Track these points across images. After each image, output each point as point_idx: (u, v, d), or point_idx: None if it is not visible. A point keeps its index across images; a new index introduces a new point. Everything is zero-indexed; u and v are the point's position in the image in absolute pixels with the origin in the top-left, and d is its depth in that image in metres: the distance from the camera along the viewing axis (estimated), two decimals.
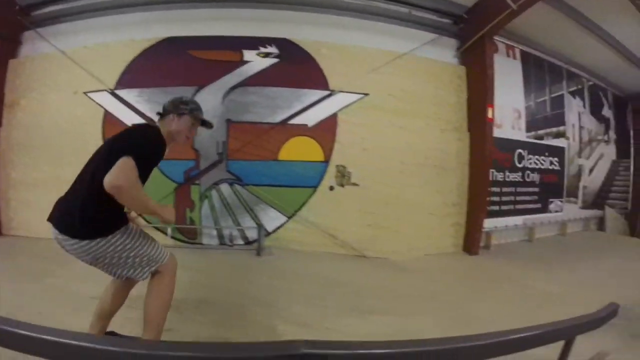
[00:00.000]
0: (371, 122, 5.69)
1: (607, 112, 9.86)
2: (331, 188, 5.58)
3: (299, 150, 5.53)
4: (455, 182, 6.19)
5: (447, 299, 4.19)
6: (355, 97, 5.66)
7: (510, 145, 6.90)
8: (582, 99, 8.93)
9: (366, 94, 5.69)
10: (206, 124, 2.43)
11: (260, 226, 5.42)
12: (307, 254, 5.36)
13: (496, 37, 7.06)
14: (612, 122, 10.08)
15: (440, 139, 6.10)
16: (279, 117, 5.52)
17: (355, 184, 5.65)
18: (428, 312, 3.73)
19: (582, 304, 2.89)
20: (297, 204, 5.54)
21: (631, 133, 10.90)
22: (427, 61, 6.13)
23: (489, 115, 6.10)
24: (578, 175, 8.63)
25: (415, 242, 5.89)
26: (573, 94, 8.60)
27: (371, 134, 5.69)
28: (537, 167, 7.35)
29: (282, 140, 5.52)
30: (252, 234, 5.57)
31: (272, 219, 5.56)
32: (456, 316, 3.64)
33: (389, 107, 5.78)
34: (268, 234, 5.57)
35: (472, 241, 6.12)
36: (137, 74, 5.57)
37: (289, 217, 5.56)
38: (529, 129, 7.26)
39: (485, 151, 6.08)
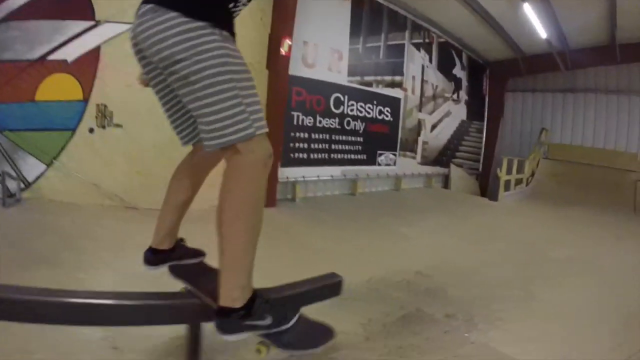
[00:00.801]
0: None
1: (459, 72, 9.77)
2: (91, 130, 4.87)
3: (57, 89, 4.82)
4: None
5: None
6: (124, 27, 4.81)
7: (323, 88, 6.23)
8: (429, 53, 8.64)
9: None
10: None
11: (4, 174, 4.56)
12: (66, 206, 4.59)
13: None
14: (465, 83, 10.03)
15: None
16: (37, 54, 4.72)
17: (118, 125, 4.92)
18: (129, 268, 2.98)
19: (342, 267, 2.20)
20: (55, 150, 4.79)
21: (487, 98, 11.06)
22: None
23: (285, 49, 5.38)
24: (417, 129, 8.34)
25: (199, 193, 5.09)
26: (418, 46, 8.25)
27: (138, 68, 4.80)
28: (361, 115, 6.82)
29: (40, 78, 4.76)
30: (13, 185, 4.68)
31: (31, 167, 4.74)
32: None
33: None
34: (29, 184, 4.75)
35: (267, 192, 5.42)
36: None
37: (48, 165, 4.79)
38: (352, 73, 6.67)
39: (279, 89, 5.38)
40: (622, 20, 7.51)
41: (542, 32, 8.14)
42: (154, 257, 1.70)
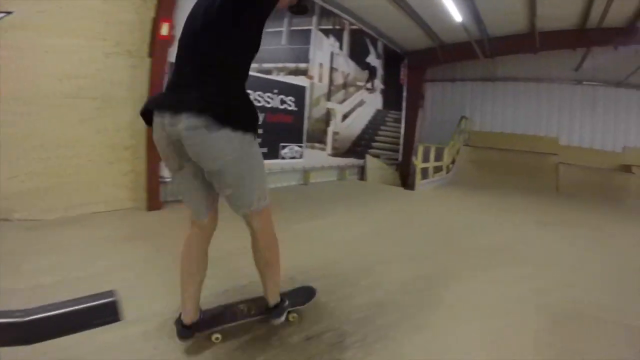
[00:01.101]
0: (9, 47, 4.28)
1: (374, 60, 9.70)
2: None
3: None
4: (126, 119, 4.91)
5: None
6: None
7: None
8: (340, 40, 8.47)
9: (9, 12, 4.25)
10: (300, 8, 1.96)
11: None
12: None
13: None
14: (381, 72, 10.00)
15: (103, 65, 4.73)
16: None
17: None
18: None
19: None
20: None
21: (404, 87, 11.13)
22: None
23: (164, 32, 4.96)
24: (326, 119, 8.17)
25: (77, 197, 4.67)
26: (326, 32, 8.03)
27: (6, 61, 4.26)
28: (259, 104, 6.47)
29: None
30: None
31: None
32: None
33: (36, 27, 4.37)
34: None
35: (151, 193, 5.00)
36: None
37: None
38: None
39: (158, 78, 4.95)
40: (541, 8, 7.59)
41: (457, 16, 7.91)
42: (189, 331, 1.89)
